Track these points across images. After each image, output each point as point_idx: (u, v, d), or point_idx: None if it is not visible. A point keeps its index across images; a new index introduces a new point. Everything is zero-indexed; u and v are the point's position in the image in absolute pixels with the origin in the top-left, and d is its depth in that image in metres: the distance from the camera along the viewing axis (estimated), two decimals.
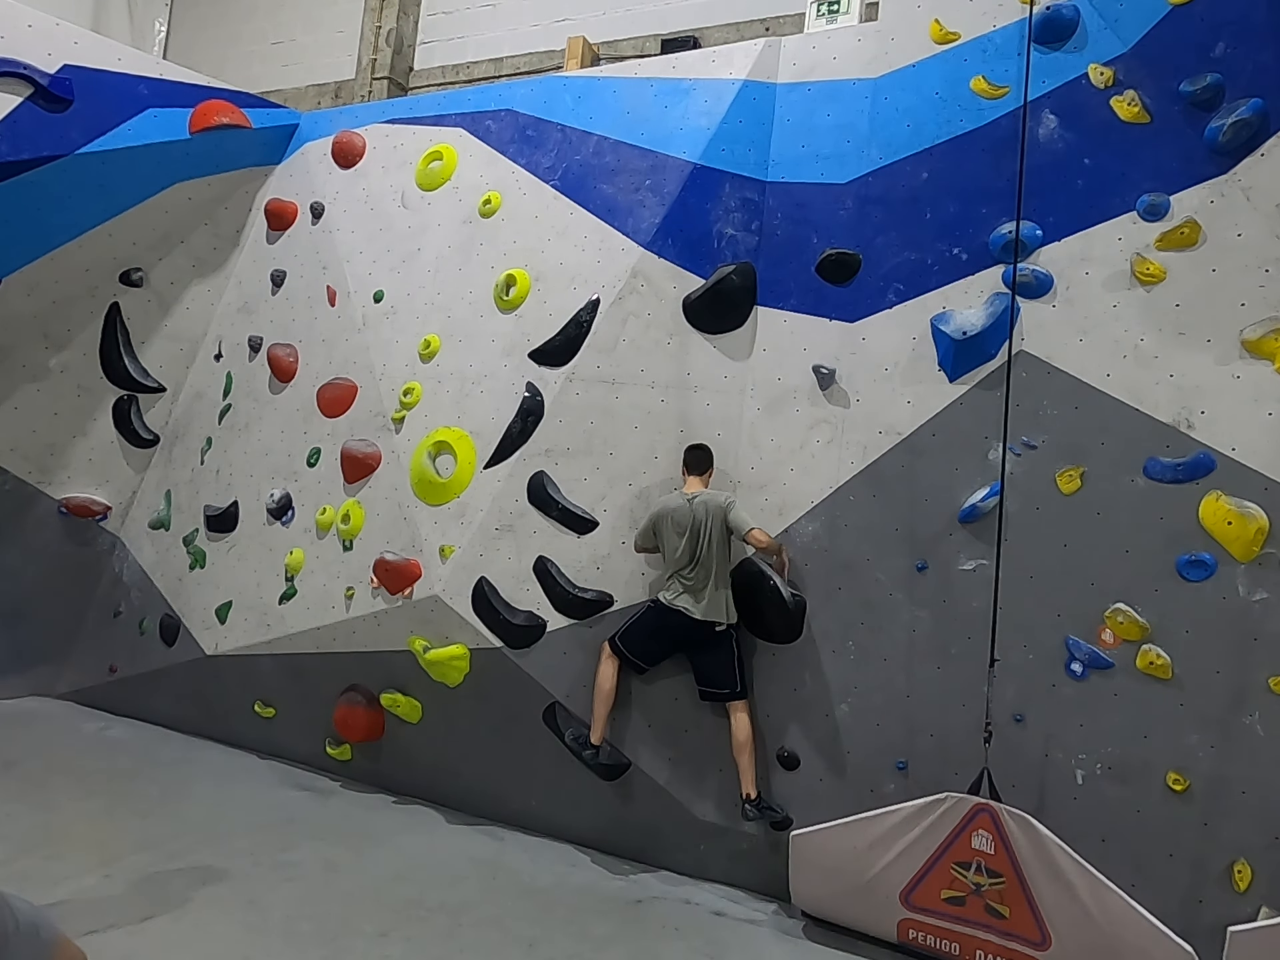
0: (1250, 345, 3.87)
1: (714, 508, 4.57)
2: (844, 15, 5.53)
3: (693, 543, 4.56)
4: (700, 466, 4.76)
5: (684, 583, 4.58)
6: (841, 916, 4.12)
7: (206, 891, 4.03)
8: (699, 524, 4.56)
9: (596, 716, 4.67)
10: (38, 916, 1.27)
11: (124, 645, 6.48)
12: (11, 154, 5.73)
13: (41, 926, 1.27)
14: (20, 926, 1.22)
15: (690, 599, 4.55)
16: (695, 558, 4.57)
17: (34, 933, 1.25)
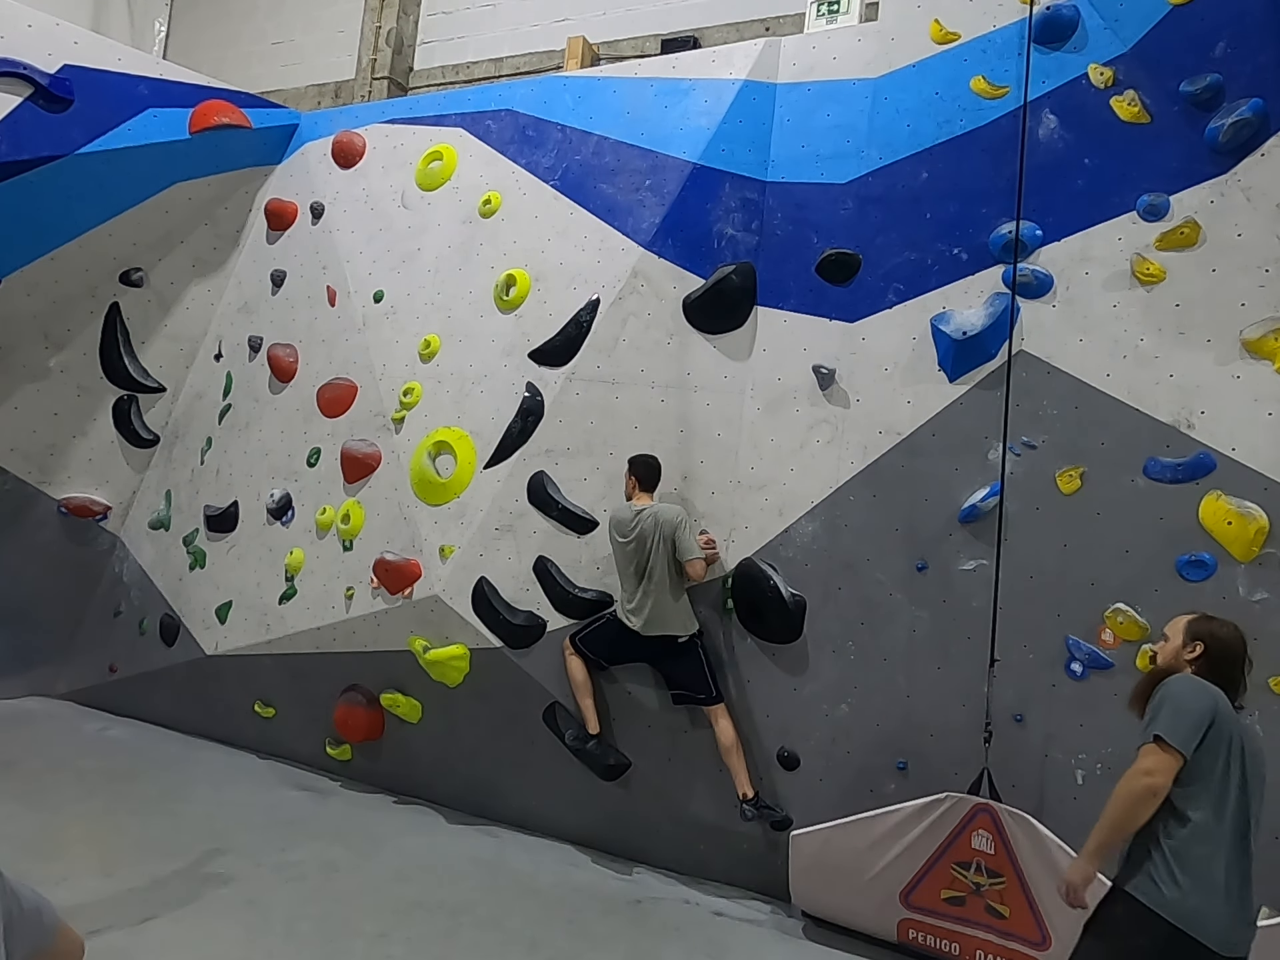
0: (1250, 345, 3.87)
1: (664, 522, 4.54)
2: (844, 15, 5.52)
3: (640, 556, 4.56)
4: (652, 482, 4.75)
5: (636, 598, 4.57)
6: (841, 916, 4.12)
7: (206, 892, 4.03)
8: (645, 537, 4.55)
9: (583, 708, 4.71)
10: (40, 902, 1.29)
11: (124, 645, 6.49)
12: (11, 154, 5.73)
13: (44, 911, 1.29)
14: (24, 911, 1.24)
15: (643, 616, 4.54)
16: (644, 570, 4.56)
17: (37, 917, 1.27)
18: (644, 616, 4.54)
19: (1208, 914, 2.23)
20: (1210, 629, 2.58)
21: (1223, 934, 2.23)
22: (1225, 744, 2.35)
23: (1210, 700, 2.38)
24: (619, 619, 4.65)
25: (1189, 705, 2.36)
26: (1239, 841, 2.33)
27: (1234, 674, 2.54)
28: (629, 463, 4.81)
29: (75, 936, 1.35)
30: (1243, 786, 2.36)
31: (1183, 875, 2.26)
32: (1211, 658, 2.54)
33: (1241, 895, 2.29)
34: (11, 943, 1.19)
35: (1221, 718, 2.37)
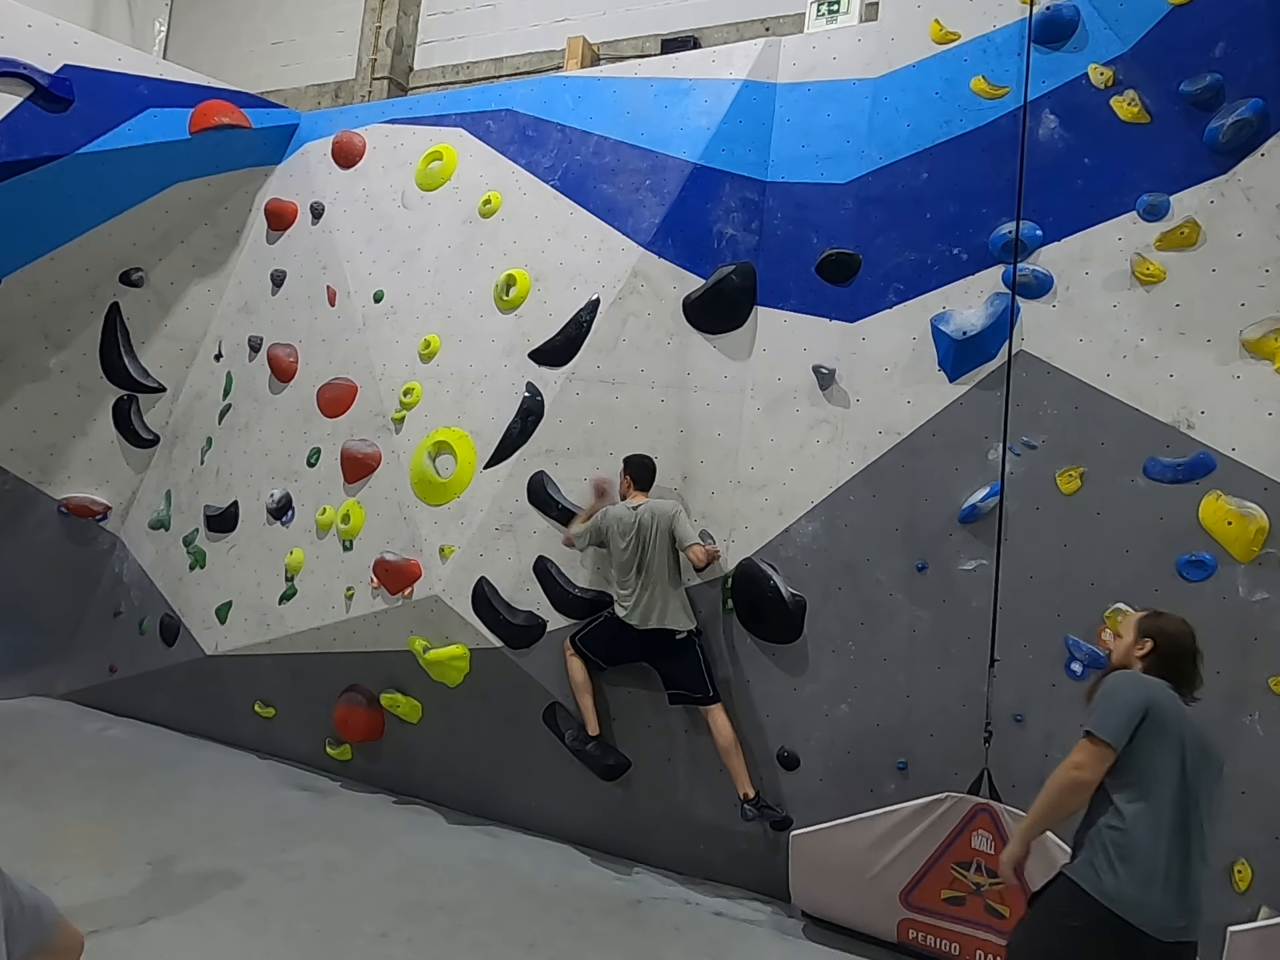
0: (1250, 345, 3.87)
1: (660, 515, 4.59)
2: (844, 15, 5.53)
3: (639, 550, 4.59)
4: (647, 482, 4.78)
5: (635, 592, 4.59)
6: (841, 916, 4.12)
7: (206, 892, 4.03)
8: (644, 530, 4.59)
9: (583, 709, 4.71)
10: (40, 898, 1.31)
11: (124, 645, 6.49)
12: (11, 154, 5.73)
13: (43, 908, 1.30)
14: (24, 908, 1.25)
15: (642, 611, 4.56)
16: (643, 565, 4.59)
17: (36, 914, 1.29)
18: (642, 611, 4.56)
19: (1144, 901, 2.28)
20: (1159, 625, 2.64)
21: (1159, 920, 2.28)
22: (1163, 736, 2.39)
23: (1144, 695, 2.43)
24: (616, 618, 4.66)
25: (1121, 700, 2.42)
26: (1179, 831, 2.36)
27: (1184, 668, 2.58)
28: (624, 462, 4.83)
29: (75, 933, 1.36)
30: (1183, 777, 2.39)
31: (1120, 864, 2.31)
32: (1161, 654, 2.59)
33: (1182, 883, 2.33)
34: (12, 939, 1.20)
35: (1159, 711, 2.41)
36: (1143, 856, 2.31)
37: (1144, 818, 2.34)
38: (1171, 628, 2.63)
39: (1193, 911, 2.36)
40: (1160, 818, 2.35)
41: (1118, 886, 2.30)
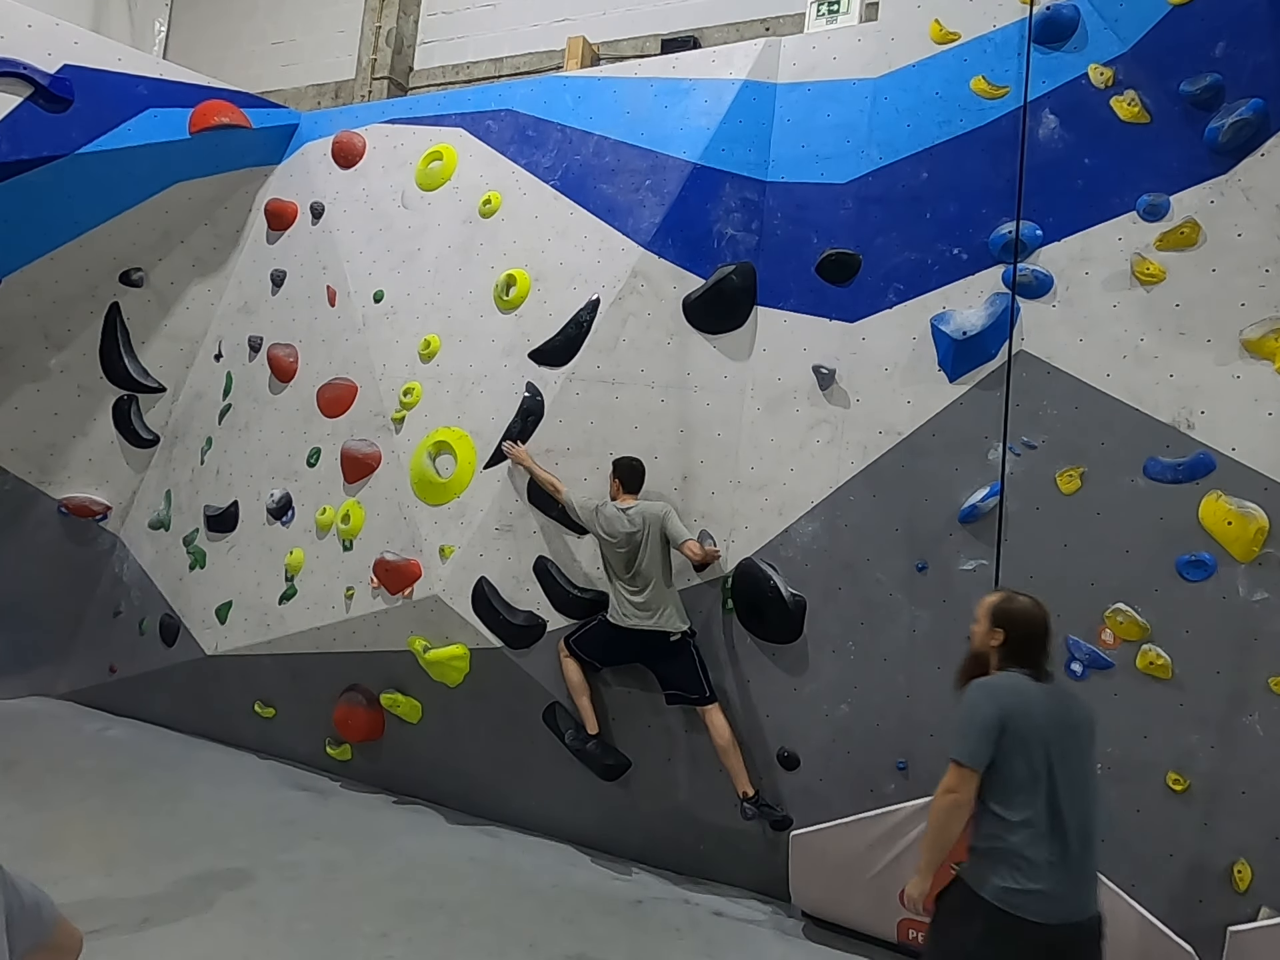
0: (1250, 345, 3.87)
1: (651, 516, 4.61)
2: (844, 15, 5.53)
3: (630, 553, 4.60)
4: (635, 484, 4.79)
5: (627, 596, 4.60)
6: (841, 916, 4.12)
7: (206, 892, 4.03)
8: (636, 533, 4.59)
9: (581, 709, 4.72)
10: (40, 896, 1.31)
11: (124, 645, 6.49)
12: (11, 154, 5.73)
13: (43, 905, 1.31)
14: (24, 905, 1.26)
15: (637, 614, 4.56)
16: (634, 568, 4.60)
17: (37, 912, 1.29)
18: (634, 611, 4.57)
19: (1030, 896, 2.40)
20: (1008, 613, 2.70)
21: (1047, 910, 2.40)
22: (1023, 740, 2.49)
23: (998, 708, 2.51)
24: (610, 619, 4.66)
25: (978, 721, 2.51)
26: (1056, 822, 2.47)
27: (1035, 651, 2.67)
28: (613, 465, 4.84)
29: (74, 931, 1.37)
30: (1050, 770, 2.50)
31: (1005, 866, 2.45)
32: (1011, 643, 2.67)
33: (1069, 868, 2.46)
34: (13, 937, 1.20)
35: (1014, 718, 2.50)
36: (1026, 856, 2.43)
37: (1018, 823, 2.47)
38: (1020, 616, 2.69)
39: (1086, 889, 2.51)
40: (1036, 815, 2.47)
41: (1004, 885, 2.43)
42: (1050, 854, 2.45)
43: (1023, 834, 2.46)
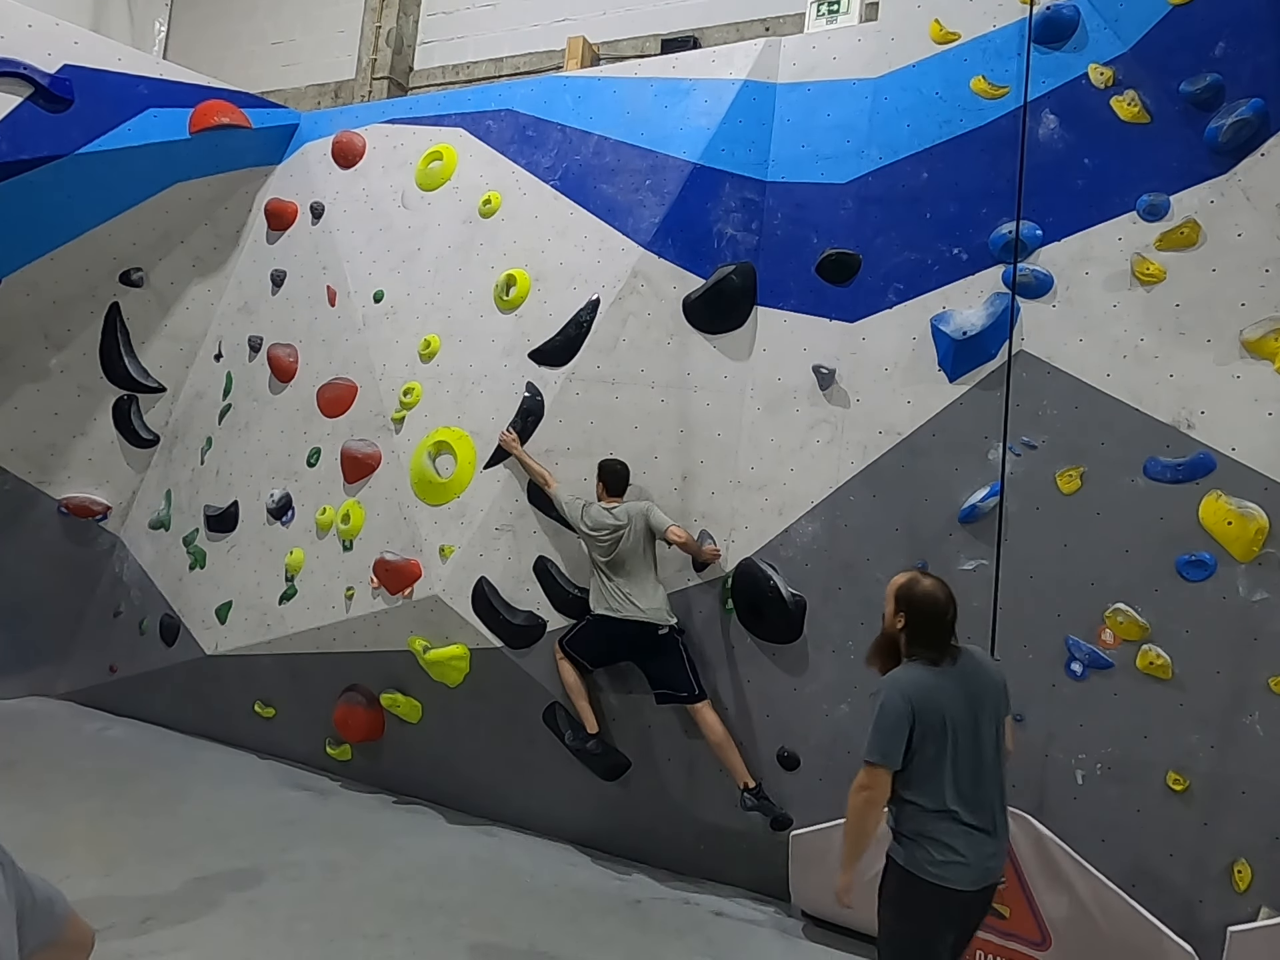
0: (1250, 345, 3.86)
1: (635, 512, 4.66)
2: (844, 15, 5.53)
3: (616, 547, 4.63)
4: (619, 487, 4.82)
5: (613, 590, 4.62)
6: (841, 916, 4.12)
7: (206, 891, 4.03)
8: (621, 527, 4.63)
9: (580, 710, 4.73)
10: (52, 892, 1.30)
11: (124, 645, 6.49)
12: (11, 154, 5.73)
13: (55, 902, 1.30)
14: (36, 901, 1.25)
15: (619, 602, 4.59)
16: (619, 563, 4.63)
17: (49, 908, 1.28)
18: (620, 602, 4.59)
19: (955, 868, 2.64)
20: (910, 598, 2.82)
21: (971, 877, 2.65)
22: (932, 732, 2.66)
23: (906, 705, 2.65)
24: (598, 617, 4.67)
25: (890, 721, 2.66)
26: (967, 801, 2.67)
27: (937, 634, 2.78)
28: (598, 467, 4.86)
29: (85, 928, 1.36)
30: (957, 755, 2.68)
31: (929, 844, 2.66)
32: (913, 627, 2.80)
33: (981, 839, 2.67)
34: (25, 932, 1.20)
35: (922, 713, 2.65)
36: (947, 836, 2.65)
37: (933, 808, 2.66)
38: (921, 599, 2.80)
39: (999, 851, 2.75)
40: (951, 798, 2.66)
41: (929, 860, 2.65)
42: (967, 829, 2.66)
43: (942, 817, 2.65)
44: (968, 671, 2.80)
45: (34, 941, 1.22)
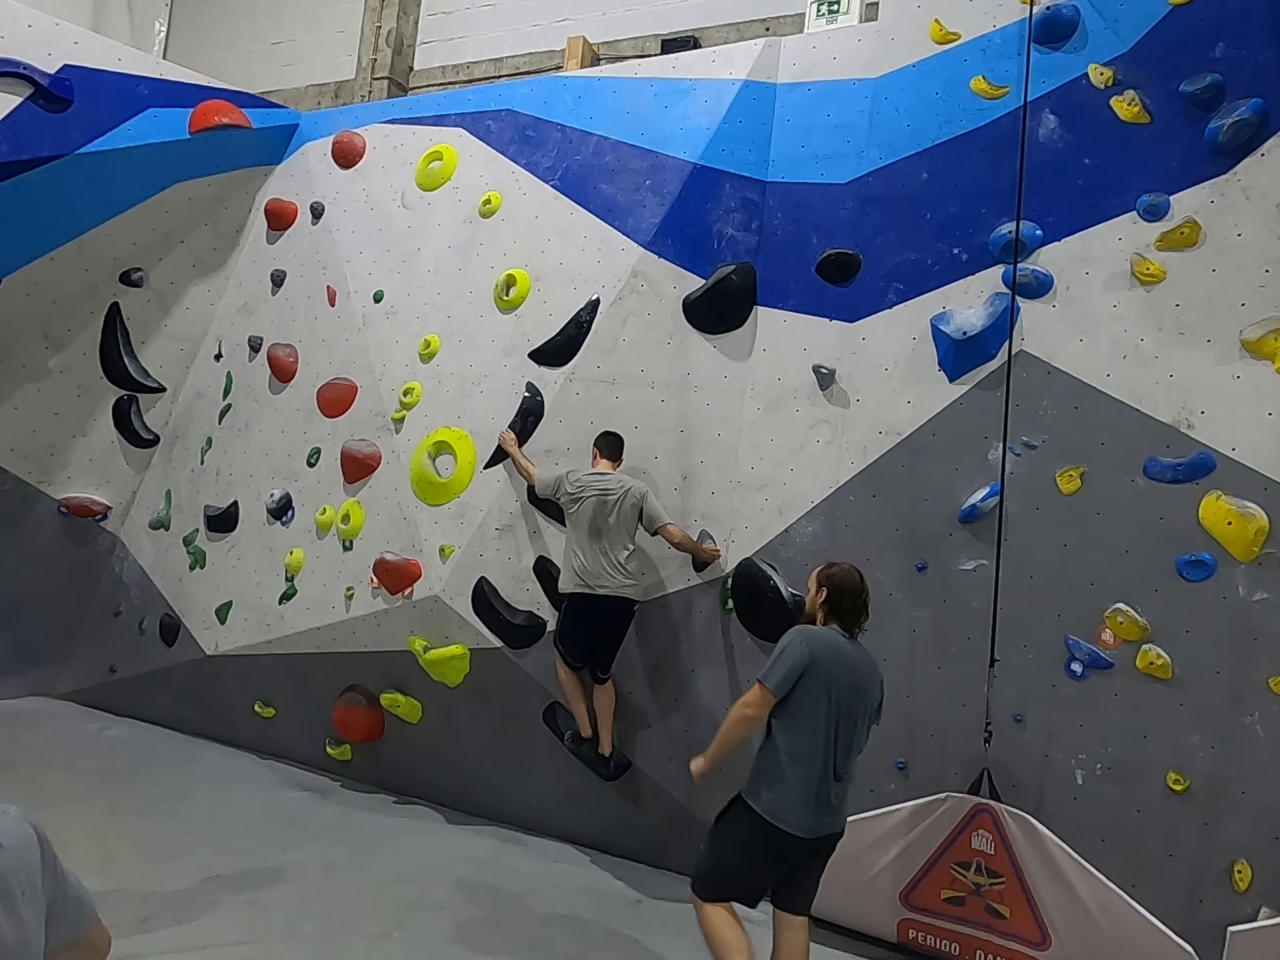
0: (1250, 345, 3.86)
1: (631, 489, 4.62)
2: (844, 15, 5.52)
3: (601, 517, 4.59)
4: (614, 452, 4.82)
5: (588, 558, 4.58)
6: (841, 916, 4.12)
7: (206, 892, 4.03)
8: (610, 495, 4.59)
9: (575, 714, 4.77)
10: (83, 892, 1.32)
11: (124, 645, 6.49)
12: (11, 154, 5.73)
13: (85, 901, 1.31)
14: (68, 898, 1.26)
15: (594, 576, 4.57)
16: (598, 532, 4.59)
17: (78, 906, 1.30)
18: (593, 576, 4.56)
19: (790, 811, 2.92)
20: (829, 574, 3.17)
21: (801, 825, 2.92)
22: (817, 685, 2.94)
23: (808, 651, 2.96)
24: (570, 596, 4.65)
25: (789, 656, 2.96)
26: (821, 757, 2.94)
27: (852, 608, 3.11)
28: (595, 441, 4.87)
29: (106, 933, 1.38)
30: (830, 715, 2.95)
31: (776, 783, 2.94)
32: (831, 599, 3.12)
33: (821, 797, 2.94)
34: (51, 928, 1.20)
35: (816, 664, 2.95)
36: (789, 777, 2.92)
37: (792, 750, 2.94)
38: (839, 576, 3.14)
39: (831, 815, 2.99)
40: (808, 748, 2.94)
41: (772, 799, 2.93)
42: (808, 782, 2.92)
43: (793, 763, 2.93)
44: (862, 657, 3.10)
45: (58, 937, 1.22)
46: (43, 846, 1.21)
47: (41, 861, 1.20)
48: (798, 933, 3.13)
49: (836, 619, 3.10)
